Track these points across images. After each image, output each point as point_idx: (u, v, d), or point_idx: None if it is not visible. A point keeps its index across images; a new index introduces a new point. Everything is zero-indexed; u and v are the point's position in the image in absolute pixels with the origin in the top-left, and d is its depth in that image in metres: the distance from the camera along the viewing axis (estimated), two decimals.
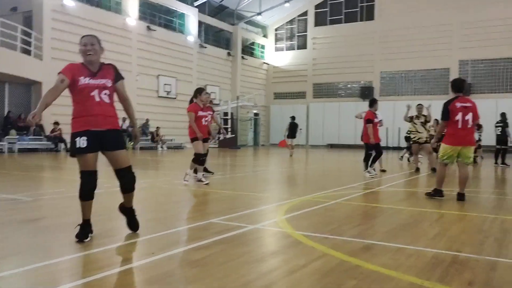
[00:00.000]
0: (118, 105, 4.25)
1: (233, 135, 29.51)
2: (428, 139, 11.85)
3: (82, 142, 3.91)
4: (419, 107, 12.36)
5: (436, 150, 10.73)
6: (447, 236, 4.46)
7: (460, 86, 7.08)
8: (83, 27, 20.90)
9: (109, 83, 4.11)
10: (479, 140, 16.62)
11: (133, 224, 4.39)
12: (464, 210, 6.07)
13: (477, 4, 28.42)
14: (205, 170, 10.18)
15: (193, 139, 8.50)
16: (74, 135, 3.99)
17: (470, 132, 6.98)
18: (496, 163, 15.00)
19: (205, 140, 8.70)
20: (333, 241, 4.17)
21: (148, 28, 24.94)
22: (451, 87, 7.21)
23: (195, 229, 4.61)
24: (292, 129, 19.31)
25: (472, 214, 5.76)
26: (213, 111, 9.36)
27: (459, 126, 6.86)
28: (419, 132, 12.02)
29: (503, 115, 15.38)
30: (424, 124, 11.95)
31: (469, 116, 6.89)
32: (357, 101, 31.62)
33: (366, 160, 10.72)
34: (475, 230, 4.76)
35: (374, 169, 10.58)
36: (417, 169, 12.08)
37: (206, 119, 8.82)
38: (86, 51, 4.04)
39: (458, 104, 6.91)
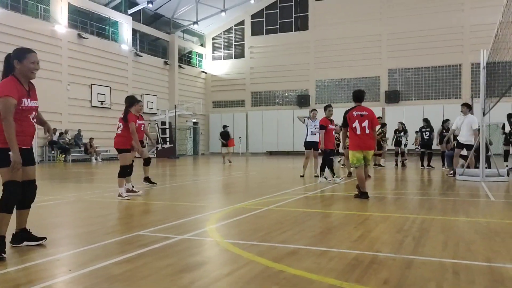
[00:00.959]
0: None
1: (172, 145, 29.06)
2: None
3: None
4: None
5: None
6: (369, 238, 4.63)
7: (358, 96, 7.92)
8: (8, 35, 19.82)
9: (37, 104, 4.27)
10: (405, 145, 17.50)
11: (37, 238, 4.34)
12: (388, 212, 6.34)
13: (403, 17, 30.12)
14: (148, 180, 9.94)
15: (125, 150, 8.21)
16: (7, 150, 3.91)
17: (369, 138, 7.72)
18: (422, 166, 15.85)
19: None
20: (259, 248, 4.19)
21: (79, 35, 24.06)
22: (352, 97, 8.04)
23: (120, 243, 4.45)
24: (224, 138, 19.98)
25: (395, 215, 6.03)
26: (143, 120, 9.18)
27: (358, 132, 7.67)
28: None
29: (427, 120, 16.31)
30: None
31: (366, 124, 7.66)
32: (295, 108, 32.32)
33: (323, 166, 10.81)
34: (396, 230, 4.97)
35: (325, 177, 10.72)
36: (350, 174, 12.49)
37: (141, 128, 8.67)
38: (34, 70, 4.10)
39: (355, 113, 7.72)
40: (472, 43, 28.02)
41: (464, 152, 13.32)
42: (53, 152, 21.93)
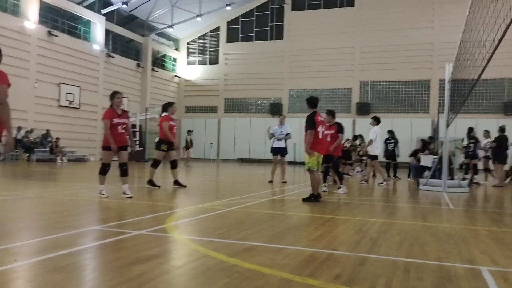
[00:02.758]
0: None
1: (141, 148, 28.61)
2: None
3: None
4: None
5: None
6: (328, 237, 4.64)
7: (315, 103, 8.12)
8: None
9: None
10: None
11: None
12: (350, 215, 6.39)
13: (375, 31, 30.71)
14: (178, 183, 9.68)
15: (104, 148, 7.77)
16: None
17: (327, 143, 8.43)
18: (388, 176, 16.09)
19: (122, 148, 7.78)
20: (216, 244, 4.13)
21: (49, 33, 23.49)
22: (308, 103, 8.12)
23: (72, 236, 4.31)
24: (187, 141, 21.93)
25: (356, 218, 6.08)
26: (128, 118, 8.50)
27: (320, 136, 7.92)
28: None
29: (391, 132, 16.59)
30: None
31: (323, 129, 8.09)
32: (267, 116, 32.39)
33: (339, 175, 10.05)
34: (354, 232, 5.00)
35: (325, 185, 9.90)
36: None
37: (123, 126, 8.02)
38: None
39: (319, 118, 7.96)
40: (441, 60, 28.78)
41: (428, 163, 13.68)
42: (16, 150, 21.25)
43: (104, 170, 7.79)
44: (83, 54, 25.90)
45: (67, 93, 24.73)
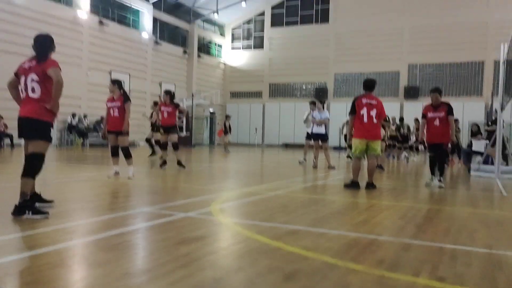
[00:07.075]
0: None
1: (188, 134, 29.22)
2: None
3: (52, 132, 4.49)
4: None
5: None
6: (371, 223, 4.61)
7: (369, 85, 7.71)
8: (31, 19, 20.15)
9: None
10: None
11: (46, 201, 4.87)
12: (395, 201, 6.29)
13: (425, 11, 29.54)
14: (179, 163, 10.48)
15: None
16: (50, 124, 4.46)
17: (375, 127, 7.49)
18: None
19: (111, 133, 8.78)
20: (260, 227, 4.21)
21: (101, 22, 24.29)
22: (363, 86, 7.80)
23: (124, 217, 4.52)
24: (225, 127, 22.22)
25: (402, 203, 5.98)
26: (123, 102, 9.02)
27: (365, 120, 7.40)
28: None
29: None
30: None
31: (374, 113, 7.42)
32: None
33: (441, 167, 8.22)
34: (399, 217, 4.93)
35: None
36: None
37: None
38: None
39: (364, 100, 7.47)
40: (496, 40, 27.30)
41: (480, 148, 13.16)
42: (71, 135, 22.30)
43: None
44: (132, 42, 26.62)
45: None
